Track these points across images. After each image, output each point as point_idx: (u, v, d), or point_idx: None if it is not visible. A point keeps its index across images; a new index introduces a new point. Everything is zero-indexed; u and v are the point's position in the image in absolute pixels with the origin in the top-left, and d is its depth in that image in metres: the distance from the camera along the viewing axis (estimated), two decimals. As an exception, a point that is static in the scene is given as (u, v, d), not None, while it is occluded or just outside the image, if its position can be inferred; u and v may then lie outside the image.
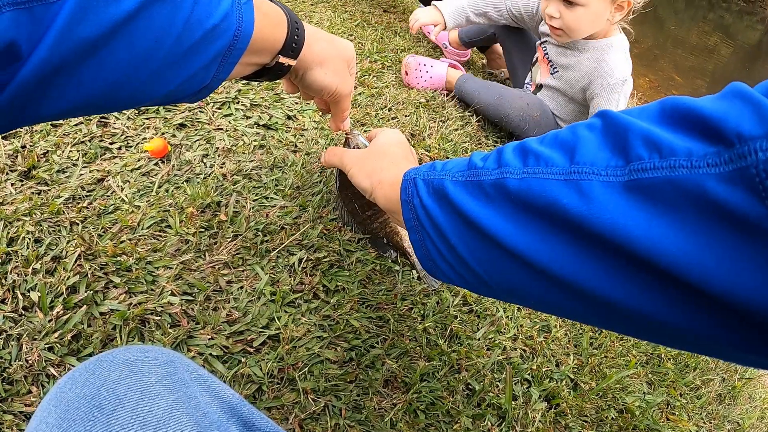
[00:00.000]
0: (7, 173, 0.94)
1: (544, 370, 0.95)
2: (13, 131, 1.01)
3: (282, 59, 0.59)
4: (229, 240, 0.93)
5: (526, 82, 1.78)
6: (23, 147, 0.99)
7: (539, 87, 1.67)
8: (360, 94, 1.44)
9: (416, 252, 0.57)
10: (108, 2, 0.37)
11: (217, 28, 0.45)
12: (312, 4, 1.99)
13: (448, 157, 1.34)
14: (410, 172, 0.59)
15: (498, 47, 2.04)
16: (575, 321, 0.49)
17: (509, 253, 0.43)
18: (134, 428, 0.36)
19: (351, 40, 1.74)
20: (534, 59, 1.71)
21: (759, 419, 1.30)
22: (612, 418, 0.97)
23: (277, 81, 0.68)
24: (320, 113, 1.26)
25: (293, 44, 0.59)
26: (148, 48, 0.41)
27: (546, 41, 1.62)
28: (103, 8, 0.36)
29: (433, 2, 1.75)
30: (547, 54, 1.61)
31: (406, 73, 1.61)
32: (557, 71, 1.58)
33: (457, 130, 1.48)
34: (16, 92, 0.35)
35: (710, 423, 1.13)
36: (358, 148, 0.85)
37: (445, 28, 1.71)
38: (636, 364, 1.10)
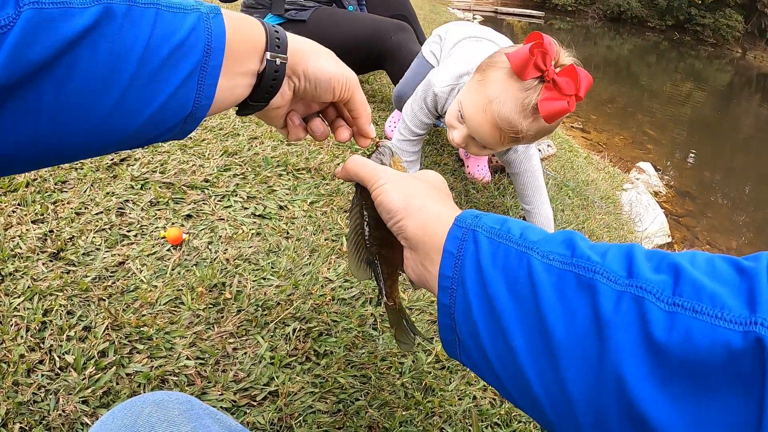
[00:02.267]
0: (38, 254, 1.10)
1: (512, 414, 1.09)
2: (41, 217, 1.18)
3: (271, 55, 0.53)
4: (233, 314, 1.08)
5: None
6: (51, 231, 1.16)
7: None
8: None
9: (440, 317, 0.48)
10: (58, 22, 0.37)
11: (184, 45, 0.43)
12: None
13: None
14: (466, 219, 0.49)
15: None
16: None
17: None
18: None
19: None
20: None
21: None
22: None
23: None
24: (309, 202, 1.46)
25: (276, 39, 0.54)
26: (107, 69, 0.39)
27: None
28: (54, 29, 0.36)
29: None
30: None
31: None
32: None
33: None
34: None
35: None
36: (393, 165, 0.66)
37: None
38: None
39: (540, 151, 2.24)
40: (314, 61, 0.58)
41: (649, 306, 0.34)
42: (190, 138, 1.63)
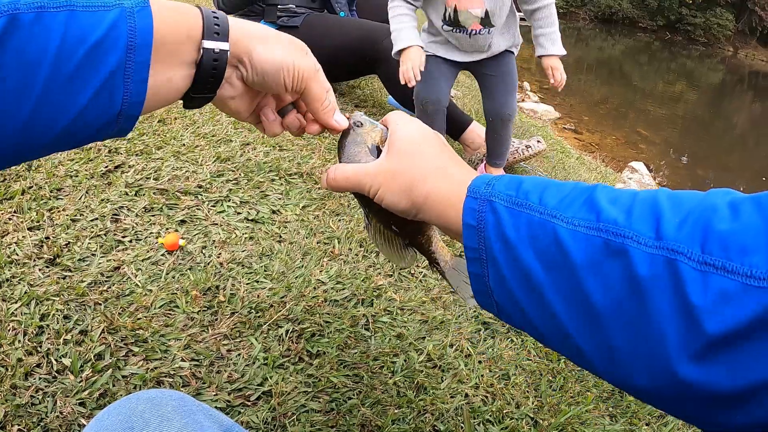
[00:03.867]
0: (35, 260, 1.12)
1: (504, 411, 1.11)
2: (37, 224, 1.19)
3: (209, 44, 0.49)
4: (227, 317, 1.10)
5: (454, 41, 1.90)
6: (47, 238, 1.18)
7: (483, 19, 1.80)
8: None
9: (474, 284, 0.48)
10: None
11: (103, 43, 0.42)
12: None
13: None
14: (479, 188, 0.48)
15: (469, 134, 2.25)
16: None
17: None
18: None
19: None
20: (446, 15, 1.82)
21: None
22: (563, 459, 1.13)
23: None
24: (300, 207, 1.48)
25: (215, 25, 0.50)
26: (19, 79, 0.39)
27: None
28: None
29: (403, 50, 1.76)
30: None
31: None
32: None
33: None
34: None
35: (682, 446, 1.27)
36: (371, 140, 0.60)
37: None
38: (595, 399, 1.25)
39: (529, 148, 2.26)
40: (261, 48, 0.53)
41: (682, 267, 0.34)
42: (184, 145, 1.65)
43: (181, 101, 0.54)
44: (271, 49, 0.53)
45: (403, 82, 1.70)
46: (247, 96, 0.58)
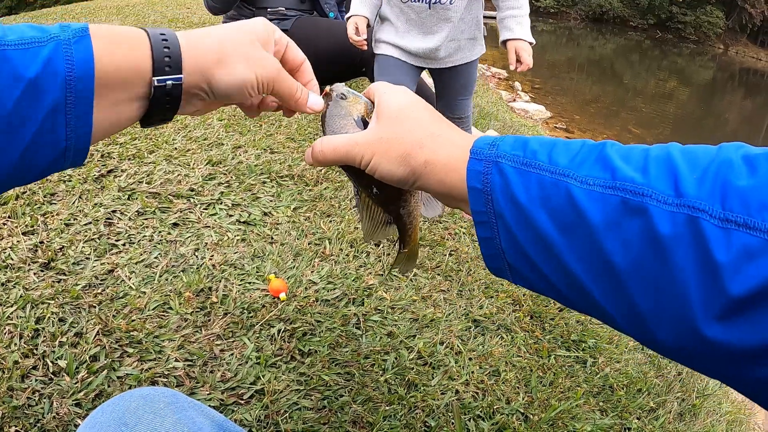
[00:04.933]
0: (30, 264, 1.13)
1: (495, 407, 1.13)
2: (31, 228, 1.21)
3: (160, 79, 0.47)
4: (220, 317, 1.12)
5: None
6: (41, 242, 1.19)
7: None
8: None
9: (484, 249, 0.47)
10: None
11: (38, 79, 0.41)
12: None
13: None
14: (483, 150, 0.46)
15: None
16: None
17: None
18: None
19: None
20: None
21: (726, 431, 1.46)
22: (551, 453, 1.15)
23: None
24: (291, 208, 1.50)
25: (166, 57, 0.47)
26: None
27: None
28: None
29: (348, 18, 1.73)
30: None
31: None
32: None
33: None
34: None
35: (673, 439, 1.30)
36: (356, 112, 0.57)
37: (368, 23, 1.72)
38: (586, 394, 1.27)
39: None
40: (218, 73, 0.50)
41: (705, 225, 0.34)
42: (175, 148, 1.67)
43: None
44: (231, 70, 0.51)
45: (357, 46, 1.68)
46: (214, 104, 0.56)
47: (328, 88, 0.58)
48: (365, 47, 1.69)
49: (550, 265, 0.42)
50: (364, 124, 0.56)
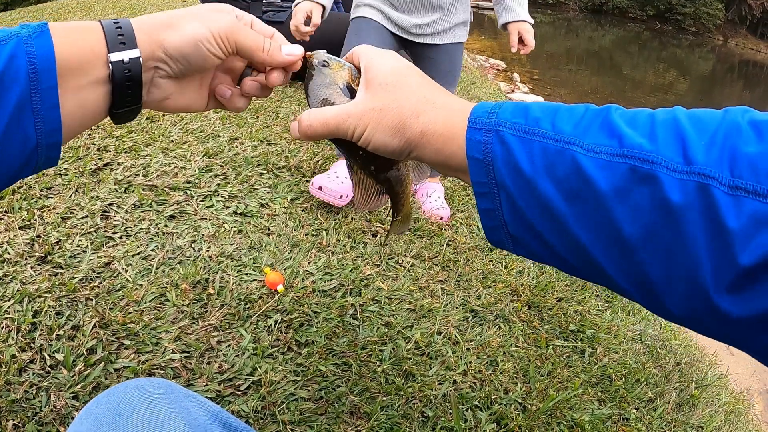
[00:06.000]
0: (26, 258, 1.13)
1: (493, 397, 1.13)
2: (28, 222, 1.21)
3: (116, 55, 0.47)
4: (217, 309, 1.12)
5: None
6: (38, 236, 1.19)
7: None
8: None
9: (485, 220, 0.46)
10: None
11: (3, 78, 0.41)
12: (278, 99, 2.29)
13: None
14: (482, 118, 0.44)
15: None
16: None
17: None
18: (145, 428, 0.54)
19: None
20: None
21: (725, 421, 1.47)
22: (555, 438, 1.16)
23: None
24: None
25: (119, 35, 0.47)
26: None
27: None
28: None
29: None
30: None
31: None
32: None
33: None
34: None
35: (671, 431, 1.30)
36: (342, 79, 0.54)
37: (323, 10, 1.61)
38: (584, 384, 1.28)
39: None
40: (170, 34, 0.49)
41: (715, 192, 0.34)
42: (172, 141, 1.67)
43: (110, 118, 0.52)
44: (180, 30, 0.49)
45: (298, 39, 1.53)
46: (188, 88, 0.55)
47: (307, 54, 0.55)
48: (308, 39, 1.54)
49: (556, 236, 0.41)
50: (351, 92, 0.53)
